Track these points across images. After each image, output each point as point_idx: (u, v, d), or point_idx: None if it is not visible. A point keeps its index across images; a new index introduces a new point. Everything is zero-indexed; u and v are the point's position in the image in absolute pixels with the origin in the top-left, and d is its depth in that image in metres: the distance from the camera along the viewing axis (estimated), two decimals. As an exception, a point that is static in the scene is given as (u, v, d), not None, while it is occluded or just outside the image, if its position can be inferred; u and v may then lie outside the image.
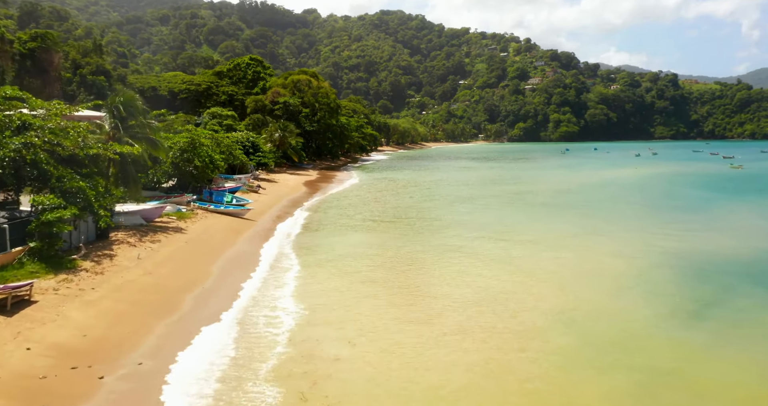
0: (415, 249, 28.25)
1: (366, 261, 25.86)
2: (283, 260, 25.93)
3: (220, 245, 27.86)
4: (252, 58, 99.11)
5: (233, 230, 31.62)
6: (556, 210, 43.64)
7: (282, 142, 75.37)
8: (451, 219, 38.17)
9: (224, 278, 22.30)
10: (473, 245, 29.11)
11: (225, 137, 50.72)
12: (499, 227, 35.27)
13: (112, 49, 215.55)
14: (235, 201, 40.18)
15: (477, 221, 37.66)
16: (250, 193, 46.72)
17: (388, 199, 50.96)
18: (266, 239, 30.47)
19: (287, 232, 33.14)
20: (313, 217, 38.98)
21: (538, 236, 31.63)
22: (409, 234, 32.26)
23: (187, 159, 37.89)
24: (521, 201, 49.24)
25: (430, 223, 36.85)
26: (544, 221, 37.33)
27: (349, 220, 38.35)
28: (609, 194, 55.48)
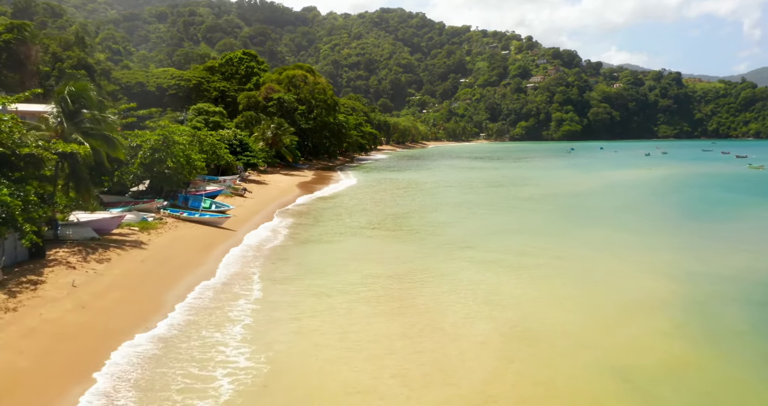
0: (421, 281, 22.84)
1: (356, 291, 21.08)
2: (253, 284, 21.24)
3: (185, 264, 23.17)
4: (245, 53, 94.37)
5: (205, 244, 26.93)
6: (578, 220, 38.26)
7: (275, 140, 70.65)
8: (460, 231, 33.14)
9: (178, 311, 17.65)
10: (492, 270, 24.26)
11: (208, 135, 46.00)
12: (517, 242, 29.86)
13: (107, 46, 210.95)
14: (214, 207, 35.52)
15: (489, 233, 32.66)
16: (235, 197, 42.02)
17: (387, 203, 46.26)
18: (242, 255, 25.76)
19: (270, 244, 28.42)
20: (302, 226, 34.21)
21: (567, 258, 26.06)
22: (412, 254, 27.24)
23: (158, 159, 33.21)
24: (536, 208, 43.89)
25: (435, 236, 31.78)
26: (570, 235, 31.87)
27: (343, 229, 33.62)
28: (632, 199, 50.27)
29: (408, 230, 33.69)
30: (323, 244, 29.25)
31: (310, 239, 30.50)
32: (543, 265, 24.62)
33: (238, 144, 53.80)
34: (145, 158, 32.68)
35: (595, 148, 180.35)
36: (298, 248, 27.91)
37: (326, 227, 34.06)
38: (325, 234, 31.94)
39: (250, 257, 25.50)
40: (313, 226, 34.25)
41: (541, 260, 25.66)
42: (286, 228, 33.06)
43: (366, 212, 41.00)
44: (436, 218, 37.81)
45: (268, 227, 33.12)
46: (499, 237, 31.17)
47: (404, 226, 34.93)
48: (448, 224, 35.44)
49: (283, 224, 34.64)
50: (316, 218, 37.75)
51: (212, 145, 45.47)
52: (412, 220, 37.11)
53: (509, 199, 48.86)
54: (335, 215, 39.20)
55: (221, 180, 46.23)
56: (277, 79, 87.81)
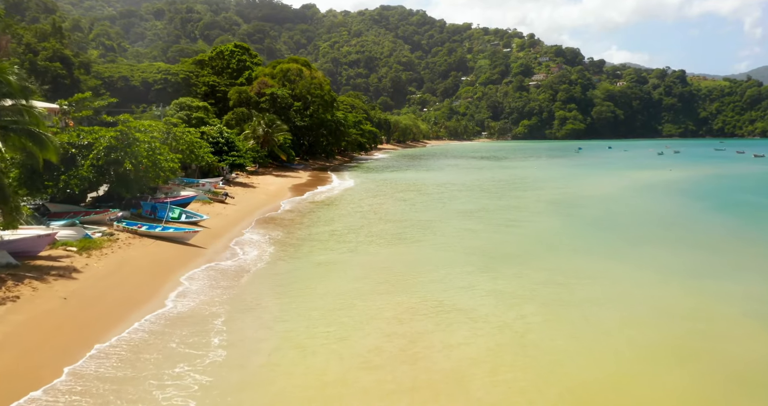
0: (435, 323, 17.15)
1: (352, 344, 15.42)
2: (212, 336, 15.54)
3: (124, 300, 17.49)
4: (237, 45, 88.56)
5: (162, 269, 21.25)
6: (623, 232, 31.75)
7: (266, 138, 64.96)
8: (478, 247, 27.25)
9: (91, 383, 11.97)
10: (531, 306, 18.53)
11: (186, 132, 40.28)
12: (558, 264, 23.62)
13: (100, 42, 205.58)
14: (184, 217, 29.82)
15: (518, 251, 26.84)
16: (214, 204, 36.30)
17: (388, 209, 40.35)
18: (208, 284, 20.06)
19: (246, 267, 22.71)
20: (288, 242, 28.41)
21: (634, 292, 19.84)
22: (421, 280, 21.57)
23: (115, 160, 27.52)
24: (566, 215, 37.48)
25: (449, 253, 26.09)
26: (623, 255, 25.50)
27: (336, 245, 27.81)
28: (670, 205, 43.29)
29: (415, 246, 27.94)
30: (313, 267, 23.52)
31: (296, 259, 24.76)
32: (603, 302, 18.85)
33: (224, 143, 48.04)
34: (97, 159, 26.98)
35: (603, 148, 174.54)
36: (281, 274, 22.16)
37: (317, 243, 28.28)
38: (315, 252, 26.21)
39: (218, 288, 19.78)
40: (302, 242, 28.43)
41: (594, 290, 19.93)
42: (269, 244, 27.25)
43: (365, 221, 35.23)
44: (448, 229, 32.03)
45: (246, 243, 27.37)
46: (531, 256, 25.40)
47: (410, 240, 29.19)
48: (463, 237, 29.69)
49: (267, 238, 28.86)
50: (306, 230, 31.99)
51: (190, 143, 39.77)
52: (418, 232, 31.30)
53: (532, 204, 42.78)
54: (328, 225, 33.43)
55: (201, 183, 40.54)
56: (270, 74, 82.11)
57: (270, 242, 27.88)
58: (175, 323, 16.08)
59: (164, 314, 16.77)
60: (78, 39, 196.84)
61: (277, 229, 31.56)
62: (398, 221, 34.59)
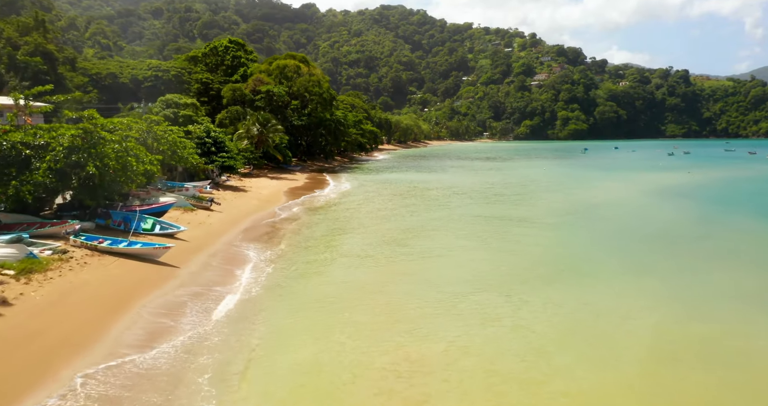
0: (446, 378, 13.20)
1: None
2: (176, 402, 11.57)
3: (58, 347, 13.48)
4: (232, 41, 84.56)
5: (120, 298, 17.26)
6: (676, 248, 26.99)
7: (261, 138, 60.99)
8: (497, 269, 23.15)
9: None
10: (568, 351, 14.59)
11: (168, 131, 36.30)
12: (607, 293, 19.54)
13: (96, 41, 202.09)
14: (159, 228, 25.83)
15: (543, 273, 22.42)
16: (197, 211, 32.29)
17: (389, 219, 35.98)
18: (173, 321, 16.10)
19: (223, 297, 18.72)
20: (277, 260, 24.41)
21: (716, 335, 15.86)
22: (428, 315, 17.46)
23: (77, 163, 23.56)
24: (588, 229, 33.14)
25: (460, 279, 21.95)
26: (687, 278, 21.36)
27: (331, 264, 23.83)
28: (711, 212, 38.58)
29: (419, 264, 23.85)
30: (303, 298, 19.49)
31: (283, 285, 20.73)
32: (675, 355, 14.86)
33: (212, 143, 44.02)
34: (55, 162, 23.01)
35: (609, 148, 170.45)
36: (262, 312, 18.09)
37: (311, 263, 24.24)
38: (308, 275, 22.20)
39: (185, 326, 15.81)
40: (293, 261, 24.39)
41: (660, 336, 15.95)
42: (254, 263, 23.27)
43: (364, 233, 31.20)
44: (456, 244, 27.89)
45: (228, 260, 23.38)
46: (556, 281, 21.36)
47: (414, 257, 25.11)
48: (473, 255, 25.47)
49: (253, 254, 24.88)
50: (299, 243, 27.98)
51: (172, 143, 35.79)
52: (423, 246, 27.18)
53: (548, 211, 38.53)
54: (325, 237, 29.43)
55: (184, 188, 36.55)
56: (266, 70, 78.11)
57: (256, 259, 23.86)
58: (129, 383, 12.08)
59: (114, 368, 12.78)
60: (73, 38, 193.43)
61: (266, 242, 27.55)
62: (401, 233, 30.49)
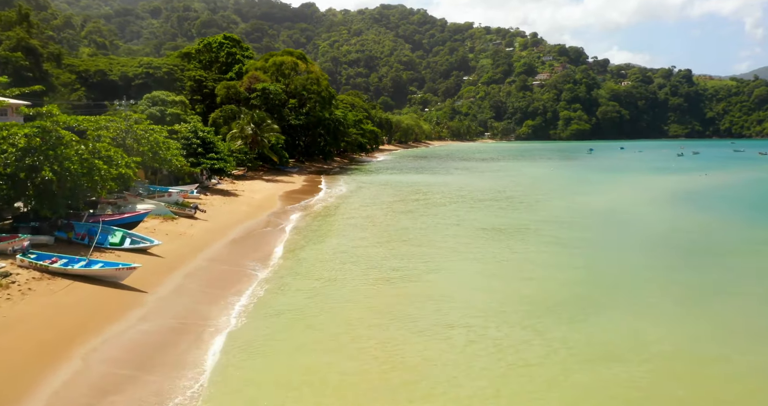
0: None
1: None
2: None
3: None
4: (227, 37, 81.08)
5: (60, 339, 13.80)
6: (694, 270, 23.43)
7: (255, 138, 57.57)
8: (503, 299, 19.39)
9: None
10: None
11: (149, 130, 32.85)
12: (618, 332, 15.93)
13: (92, 39, 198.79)
14: (129, 242, 22.37)
15: (558, 307, 18.26)
16: (178, 220, 28.81)
17: (391, 228, 32.51)
18: (125, 383, 12.59)
19: (201, 347, 15.21)
20: (266, 283, 20.85)
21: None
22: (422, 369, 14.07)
23: (31, 167, 20.14)
24: (615, 243, 28.56)
25: (477, 309, 18.29)
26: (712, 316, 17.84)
27: (319, 296, 20.22)
28: (746, 222, 35.09)
29: (424, 293, 20.01)
30: (288, 344, 16.05)
31: (268, 322, 17.23)
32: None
33: (199, 143, 40.51)
34: (5, 166, 19.59)
35: (614, 149, 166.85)
36: (256, 353, 14.62)
37: (298, 295, 20.55)
38: (296, 305, 18.72)
39: (148, 379, 12.33)
40: (284, 283, 20.86)
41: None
42: (237, 287, 19.75)
43: (361, 247, 27.75)
44: (468, 263, 24.23)
45: (207, 284, 19.91)
46: (602, 313, 17.83)
47: (418, 283, 21.31)
48: (490, 286, 21.61)
49: (237, 273, 21.41)
50: (291, 258, 24.53)
51: (154, 144, 32.36)
52: (428, 268, 23.37)
53: (573, 223, 33.73)
54: (317, 252, 25.93)
55: (166, 193, 33.08)
56: (262, 67, 74.64)
57: (242, 280, 20.36)
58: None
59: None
60: (69, 36, 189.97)
61: (253, 258, 24.07)
62: (402, 248, 26.97)
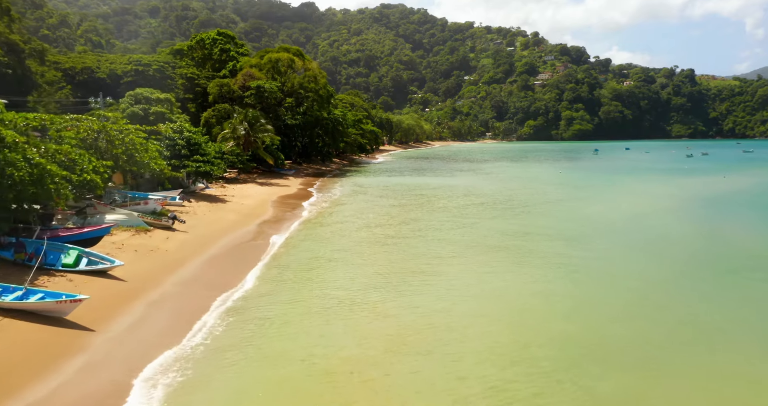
0: None
1: None
2: None
3: None
4: (220, 33, 77.61)
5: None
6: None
7: (248, 139, 54.13)
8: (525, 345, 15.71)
9: None
10: None
11: (125, 130, 29.39)
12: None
13: (88, 38, 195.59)
14: (85, 263, 18.90)
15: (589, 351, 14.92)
16: (152, 232, 25.33)
17: (389, 239, 29.36)
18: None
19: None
20: (244, 311, 17.43)
21: None
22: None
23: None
24: (653, 261, 24.34)
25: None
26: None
27: (307, 332, 16.77)
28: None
29: (430, 331, 16.59)
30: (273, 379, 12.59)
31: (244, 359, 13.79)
32: None
33: (184, 144, 37.04)
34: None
35: (619, 149, 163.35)
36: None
37: (288, 321, 17.29)
38: (282, 342, 15.30)
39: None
40: (265, 315, 17.40)
41: None
42: (204, 319, 16.27)
43: (356, 266, 24.29)
44: (482, 287, 20.75)
45: (177, 315, 16.44)
46: (662, 357, 14.37)
47: (422, 317, 17.97)
48: (512, 320, 17.72)
49: (211, 299, 17.96)
50: (275, 279, 21.07)
51: (129, 146, 28.91)
52: (434, 295, 19.72)
53: (599, 232, 30.01)
54: (306, 272, 22.46)
55: (143, 201, 29.60)
56: (257, 65, 71.20)
57: (214, 311, 16.89)
58: None
59: None
60: (65, 35, 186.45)
61: (234, 279, 20.62)
62: (403, 266, 23.50)
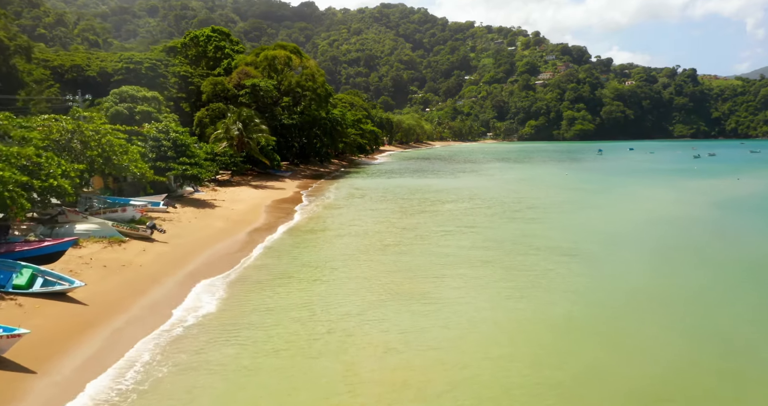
0: None
1: None
2: None
3: None
4: (215, 30, 75.07)
5: None
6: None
7: (242, 140, 51.64)
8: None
9: None
10: None
11: (102, 130, 26.87)
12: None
13: (85, 37, 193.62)
14: (40, 284, 16.38)
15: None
16: (127, 244, 22.81)
17: (388, 249, 26.92)
18: None
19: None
20: (225, 341, 14.94)
21: None
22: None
23: None
24: (724, 281, 21.27)
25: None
26: None
27: (293, 377, 14.30)
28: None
29: (433, 370, 14.21)
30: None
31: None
32: None
33: (170, 146, 34.49)
34: None
35: (622, 149, 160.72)
36: None
37: (277, 351, 14.82)
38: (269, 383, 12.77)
39: None
40: (245, 348, 14.89)
41: None
42: (170, 372, 13.69)
43: (351, 283, 21.77)
44: (494, 313, 17.92)
45: (130, 363, 13.86)
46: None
47: (425, 353, 15.56)
48: (535, 358, 14.27)
49: (187, 325, 15.47)
50: (256, 301, 18.56)
51: (107, 146, 26.40)
52: (439, 322, 17.13)
53: (624, 242, 27.34)
54: (293, 293, 19.89)
55: (120, 208, 27.07)
56: (253, 62, 68.63)
57: (181, 359, 14.35)
58: None
59: None
60: (61, 34, 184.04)
61: (214, 300, 18.11)
62: (403, 285, 20.97)
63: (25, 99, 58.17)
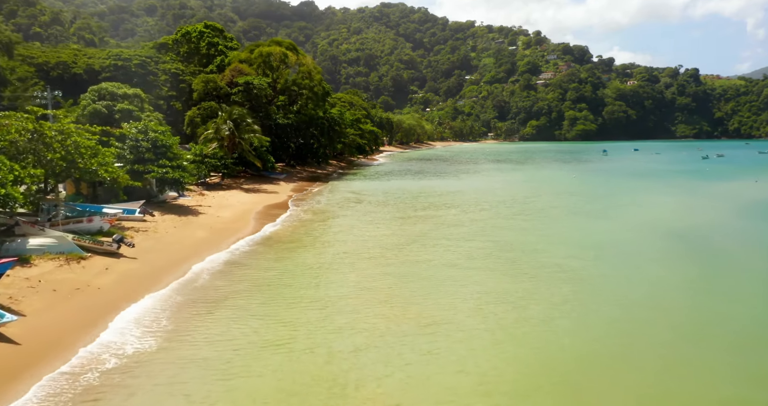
0: None
1: None
2: None
3: None
4: (208, 25, 72.12)
5: None
6: None
7: (233, 140, 48.65)
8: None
9: None
10: None
11: (66, 130, 23.88)
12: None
13: (81, 36, 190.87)
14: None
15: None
16: (89, 259, 19.80)
17: (388, 268, 23.77)
18: None
19: None
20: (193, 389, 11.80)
21: None
22: None
23: None
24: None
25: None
26: None
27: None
28: None
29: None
30: None
31: None
32: None
33: (149, 147, 31.44)
34: None
35: (627, 149, 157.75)
36: None
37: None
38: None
39: None
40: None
41: None
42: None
43: (343, 308, 18.73)
44: (514, 349, 14.99)
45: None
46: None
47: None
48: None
49: (144, 372, 12.47)
50: (236, 332, 15.58)
51: (72, 148, 23.43)
52: (443, 354, 14.37)
53: (654, 255, 24.05)
54: (279, 316, 16.90)
55: (84, 219, 24.05)
56: (247, 59, 65.67)
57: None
58: None
59: None
60: (57, 33, 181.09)
61: (183, 331, 15.13)
62: (405, 310, 18.02)
63: (10, 97, 55.38)
